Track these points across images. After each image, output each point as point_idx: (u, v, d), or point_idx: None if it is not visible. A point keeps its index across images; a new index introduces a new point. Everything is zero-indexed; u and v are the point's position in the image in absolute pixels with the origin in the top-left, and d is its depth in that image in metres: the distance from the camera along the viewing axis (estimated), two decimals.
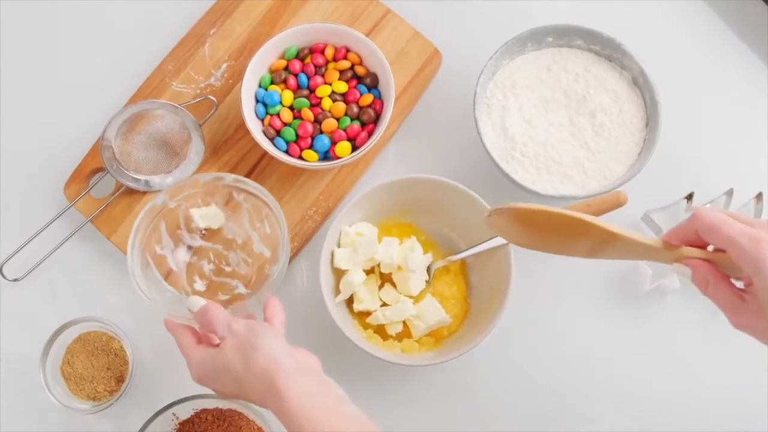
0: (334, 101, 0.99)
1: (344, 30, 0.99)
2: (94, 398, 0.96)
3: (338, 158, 0.97)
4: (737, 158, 1.03)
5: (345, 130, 0.98)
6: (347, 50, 1.01)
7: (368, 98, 0.99)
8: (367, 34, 1.02)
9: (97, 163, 1.00)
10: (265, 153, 0.99)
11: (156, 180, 1.00)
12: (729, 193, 0.98)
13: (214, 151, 1.01)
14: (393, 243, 0.96)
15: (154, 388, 0.97)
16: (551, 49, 1.00)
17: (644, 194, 0.98)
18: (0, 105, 1.04)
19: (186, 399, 0.91)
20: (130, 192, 1.00)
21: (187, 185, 0.93)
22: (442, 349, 0.94)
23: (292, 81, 0.99)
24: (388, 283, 0.96)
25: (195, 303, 0.81)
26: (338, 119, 0.98)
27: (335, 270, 0.96)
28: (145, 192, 1.00)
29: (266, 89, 0.99)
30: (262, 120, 1.00)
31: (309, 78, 1.00)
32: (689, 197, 0.97)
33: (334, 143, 0.98)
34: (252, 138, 0.97)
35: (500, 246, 0.93)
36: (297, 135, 0.98)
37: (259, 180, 1.00)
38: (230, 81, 1.03)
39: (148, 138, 1.00)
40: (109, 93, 1.03)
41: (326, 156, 0.99)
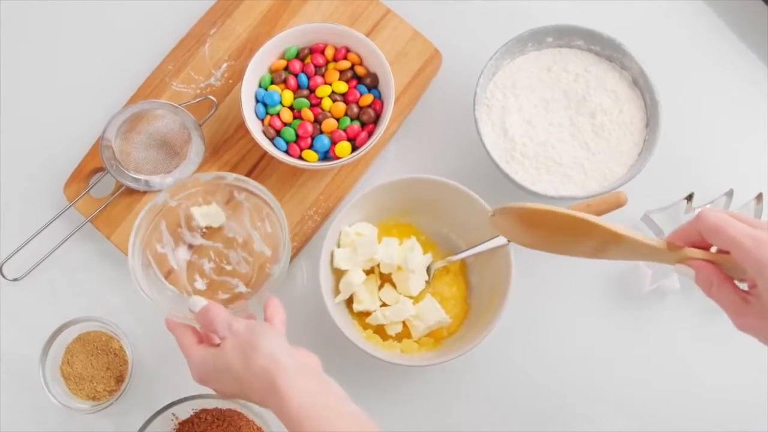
0: (334, 101, 0.99)
1: (344, 30, 0.99)
2: (94, 398, 0.96)
3: (338, 158, 0.97)
4: (737, 158, 1.03)
5: (345, 130, 0.98)
6: (347, 50, 1.01)
7: (368, 98, 0.99)
8: (367, 34, 1.02)
9: (97, 163, 1.00)
10: (265, 153, 0.99)
11: (156, 180, 0.99)
12: (729, 194, 0.98)
13: (214, 151, 1.01)
14: (393, 243, 0.96)
15: (154, 388, 0.97)
16: (551, 50, 1.00)
17: (644, 195, 0.98)
18: (0, 105, 1.04)
19: (186, 399, 0.91)
20: (130, 192, 1.00)
21: (188, 184, 0.93)
22: (442, 350, 0.94)
23: (292, 81, 0.99)
24: (388, 284, 0.96)
25: (196, 303, 0.82)
26: (338, 119, 0.98)
27: (335, 270, 0.96)
28: (145, 192, 1.00)
29: (266, 89, 0.99)
30: (262, 120, 0.99)
31: (309, 78, 1.00)
32: (689, 198, 0.97)
33: (334, 143, 0.98)
34: (252, 138, 0.97)
35: (500, 246, 0.93)
36: (297, 135, 0.98)
37: (259, 180, 1.00)
38: (230, 81, 1.03)
39: (148, 138, 1.00)
40: (109, 93, 1.03)
41: (326, 156, 0.99)
